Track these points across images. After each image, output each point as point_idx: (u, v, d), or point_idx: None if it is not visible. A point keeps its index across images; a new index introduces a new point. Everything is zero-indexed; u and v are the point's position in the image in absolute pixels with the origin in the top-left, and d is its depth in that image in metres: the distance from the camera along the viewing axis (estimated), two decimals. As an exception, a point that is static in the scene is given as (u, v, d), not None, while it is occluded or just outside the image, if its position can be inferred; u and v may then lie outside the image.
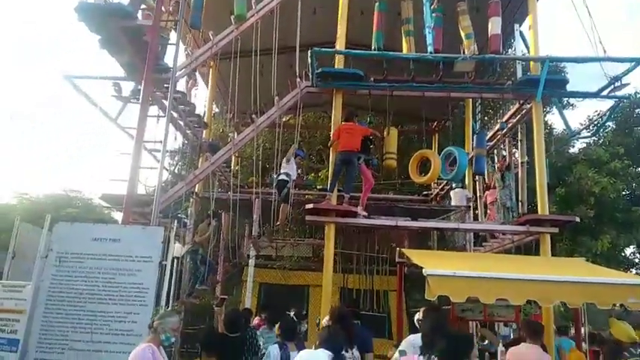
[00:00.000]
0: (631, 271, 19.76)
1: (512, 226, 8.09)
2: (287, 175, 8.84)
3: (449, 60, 7.93)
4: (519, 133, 9.23)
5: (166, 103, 8.60)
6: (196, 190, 11.67)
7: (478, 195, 11.02)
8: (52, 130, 54.27)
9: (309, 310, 12.18)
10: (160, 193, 7.60)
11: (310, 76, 8.45)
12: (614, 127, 20.90)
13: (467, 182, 11.63)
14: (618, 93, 8.09)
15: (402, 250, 7.00)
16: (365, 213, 8.04)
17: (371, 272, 11.77)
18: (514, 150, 9.38)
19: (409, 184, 17.17)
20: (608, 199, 16.02)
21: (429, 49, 7.98)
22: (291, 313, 6.93)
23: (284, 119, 15.01)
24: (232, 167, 14.60)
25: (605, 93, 8.12)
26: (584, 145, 20.20)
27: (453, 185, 13.34)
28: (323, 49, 8.02)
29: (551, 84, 8.09)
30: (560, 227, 7.87)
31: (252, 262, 10.01)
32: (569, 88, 8.37)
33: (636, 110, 20.03)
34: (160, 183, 7.43)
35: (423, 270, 5.34)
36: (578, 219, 7.84)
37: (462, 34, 8.53)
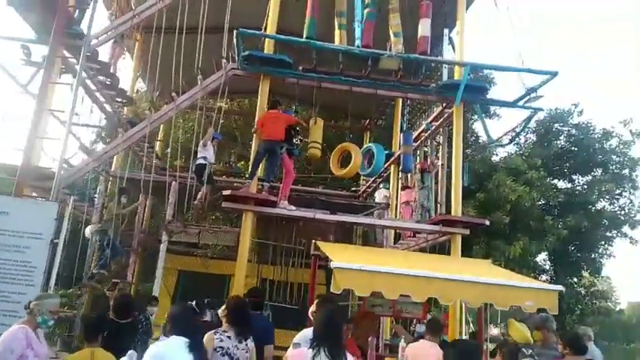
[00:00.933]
0: (540, 277, 21.14)
1: (425, 225, 8.28)
2: (204, 158, 8.57)
3: (375, 56, 7.95)
4: (441, 136, 9.47)
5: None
6: (114, 168, 11.14)
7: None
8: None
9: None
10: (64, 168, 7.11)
11: (237, 59, 8.18)
12: (534, 139, 22.18)
13: (392, 181, 11.86)
14: (533, 104, 8.47)
15: (317, 242, 6.94)
16: (285, 203, 7.92)
17: (287, 264, 11.66)
18: (435, 152, 9.61)
19: (339, 179, 17.40)
20: (523, 207, 16.93)
21: (357, 42, 7.96)
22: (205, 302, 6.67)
23: (220, 104, 14.70)
24: (156, 148, 14.03)
25: (521, 103, 8.47)
26: (506, 154, 21.28)
27: (381, 185, 13.62)
28: (249, 31, 7.78)
29: (471, 90, 8.35)
30: (471, 229, 8.14)
31: (163, 247, 9.56)
32: (499, 98, 8.69)
33: (555, 125, 21.26)
34: (64, 155, 6.91)
35: (330, 263, 5.31)
36: (488, 222, 8.15)
37: (391, 32, 8.59)
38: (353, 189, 15.37)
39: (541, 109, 8.52)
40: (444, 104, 9.01)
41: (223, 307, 4.26)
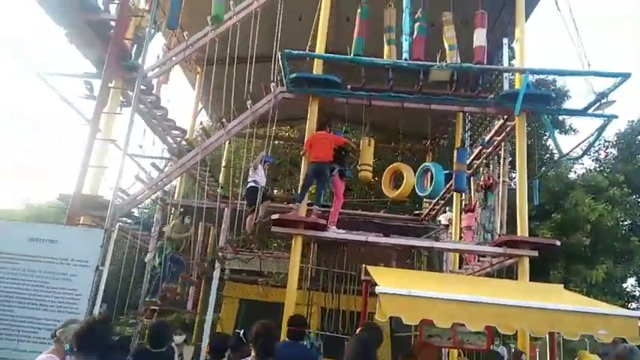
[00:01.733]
0: (630, 305, 19.22)
1: (488, 247, 7.70)
2: (255, 182, 8.53)
3: (424, 68, 7.64)
4: (503, 151, 8.88)
5: (140, 105, 8.47)
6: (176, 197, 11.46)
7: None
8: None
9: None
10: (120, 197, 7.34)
11: (284, 81, 8.18)
12: (615, 153, 20.56)
13: (454, 203, 11.27)
14: (606, 111, 7.75)
15: (367, 267, 6.61)
16: (334, 228, 7.69)
17: (342, 291, 11.28)
18: (498, 169, 9.02)
19: (401, 203, 16.89)
20: (605, 226, 15.59)
21: (404, 55, 7.70)
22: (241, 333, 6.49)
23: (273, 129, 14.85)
24: (220, 178, 14.36)
25: (591, 111, 7.78)
26: (584, 171, 19.84)
27: (447, 208, 13.00)
28: (294, 52, 7.75)
29: (534, 99, 7.79)
30: (540, 250, 7.45)
31: (216, 274, 9.56)
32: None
33: (638, 137, 19.60)
34: (118, 184, 7.12)
35: (376, 288, 4.99)
36: (558, 243, 7.43)
37: (446, 45, 8.28)
38: (416, 212, 14.82)
39: (615, 117, 7.75)
40: (505, 117, 8.46)
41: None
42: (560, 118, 20.40)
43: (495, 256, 8.02)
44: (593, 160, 20.69)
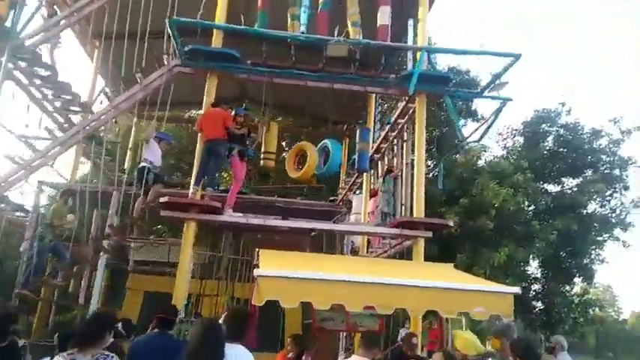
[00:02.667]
0: (533, 287, 20.46)
1: (383, 228, 7.72)
2: (146, 160, 7.98)
3: (322, 42, 7.45)
4: (406, 134, 8.93)
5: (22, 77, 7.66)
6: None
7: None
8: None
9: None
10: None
11: (177, 54, 7.68)
12: (522, 141, 21.71)
13: (364, 187, 11.27)
14: (502, 94, 7.97)
15: (259, 251, 6.36)
16: (231, 211, 7.37)
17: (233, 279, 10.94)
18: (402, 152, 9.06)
19: (319, 190, 16.80)
20: (509, 211, 16.37)
21: (302, 29, 7.45)
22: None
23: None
24: (126, 160, 13.44)
25: (488, 93, 7.98)
26: (493, 157, 20.79)
27: (357, 192, 13.00)
28: (183, 19, 7.27)
29: (433, 80, 7.86)
30: (434, 231, 7.56)
31: (101, 263, 8.89)
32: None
33: (542, 125, 20.81)
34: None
35: (254, 271, 4.76)
36: (452, 223, 7.59)
37: (349, 22, 8.12)
38: (331, 198, 14.75)
39: (510, 99, 8.00)
40: (406, 98, 8.49)
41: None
42: (473, 107, 21.32)
43: (394, 238, 8.06)
44: (501, 148, 21.73)
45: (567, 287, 19.94)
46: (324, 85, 8.15)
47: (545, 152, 20.55)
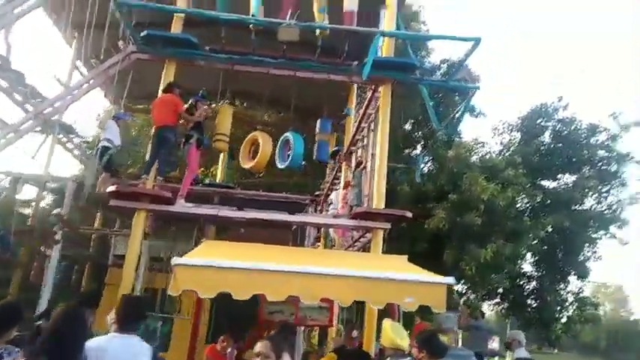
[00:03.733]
0: (528, 285, 20.20)
1: (342, 220, 7.56)
2: (107, 140, 7.90)
3: (273, 25, 7.29)
4: (374, 124, 8.73)
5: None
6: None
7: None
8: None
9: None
10: None
11: (130, 39, 7.56)
12: (518, 136, 21.36)
13: (342, 180, 11.08)
14: (467, 83, 7.78)
15: (204, 240, 6.25)
16: (182, 201, 7.25)
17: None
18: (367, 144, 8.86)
19: (302, 184, 16.65)
20: (498, 206, 16.10)
21: (253, 11, 7.26)
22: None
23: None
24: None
25: (454, 82, 7.78)
26: (488, 153, 20.47)
27: (336, 187, 12.80)
28: (133, 3, 7.13)
29: (398, 67, 7.67)
30: (393, 223, 7.37)
31: (54, 254, 8.77)
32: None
33: (539, 121, 20.47)
34: None
35: (171, 260, 4.63)
36: (409, 214, 7.36)
37: (315, 7, 7.94)
38: (316, 193, 14.57)
39: (477, 88, 7.80)
40: (373, 87, 8.30)
41: None
42: (472, 102, 20.99)
43: (355, 229, 7.91)
44: (497, 144, 21.40)
45: (562, 285, 19.60)
46: (286, 72, 7.98)
47: (542, 147, 20.20)
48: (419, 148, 21.01)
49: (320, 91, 9.83)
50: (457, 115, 8.43)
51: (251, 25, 7.63)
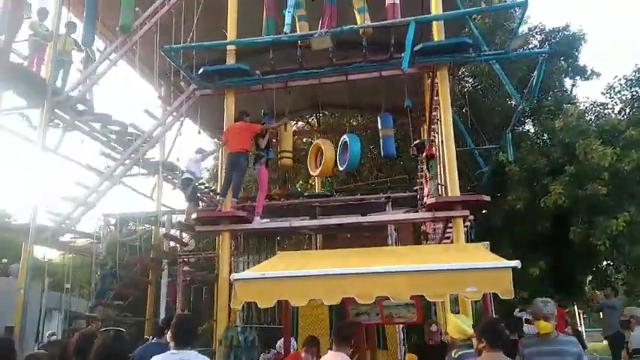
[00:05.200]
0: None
1: (415, 214, 7.48)
2: (190, 173, 8.79)
3: (304, 38, 7.52)
4: (438, 112, 8.55)
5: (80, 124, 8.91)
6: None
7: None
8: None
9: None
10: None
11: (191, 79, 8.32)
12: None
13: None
14: (536, 49, 7.32)
15: (279, 252, 6.62)
16: (258, 218, 7.75)
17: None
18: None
19: (401, 181, 16.59)
20: (623, 171, 14.57)
21: (286, 29, 7.55)
22: None
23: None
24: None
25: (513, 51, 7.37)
26: (605, 116, 18.61)
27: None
28: (174, 46, 7.84)
29: (446, 50, 7.47)
30: (472, 209, 7.15)
31: (165, 274, 9.78)
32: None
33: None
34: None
35: (231, 275, 5.02)
36: (488, 198, 7.06)
37: (355, 9, 8.09)
38: (415, 188, 14.45)
39: (548, 51, 7.32)
40: (430, 74, 8.18)
41: None
42: (581, 63, 19.44)
43: (434, 221, 7.78)
44: (615, 104, 19.32)
45: None
46: (338, 78, 8.20)
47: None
48: (529, 123, 19.85)
49: (393, 87, 9.86)
50: (533, 83, 7.90)
51: (299, 42, 7.98)
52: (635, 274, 17.39)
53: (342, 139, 8.45)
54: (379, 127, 8.26)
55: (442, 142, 8.18)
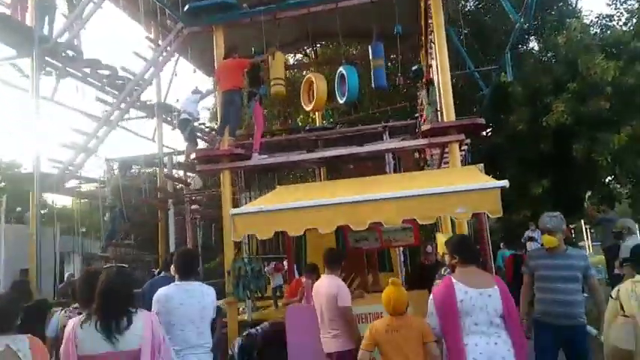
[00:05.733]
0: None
1: (411, 141, 7.56)
2: (188, 113, 8.90)
3: None
4: (431, 35, 8.38)
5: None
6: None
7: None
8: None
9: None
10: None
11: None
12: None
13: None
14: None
15: (278, 186, 6.81)
16: (256, 155, 7.89)
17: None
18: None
19: (403, 109, 16.50)
20: (627, 85, 14.37)
21: None
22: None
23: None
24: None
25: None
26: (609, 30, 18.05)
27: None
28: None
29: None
30: (468, 133, 7.20)
31: (171, 214, 10.13)
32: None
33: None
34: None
35: (230, 211, 5.24)
36: (482, 120, 7.08)
37: None
38: (416, 115, 14.39)
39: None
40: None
41: None
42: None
43: (430, 147, 7.89)
44: (621, 15, 18.66)
45: None
46: (329, 6, 8.00)
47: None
48: (533, 41, 19.40)
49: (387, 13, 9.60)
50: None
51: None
52: (639, 187, 17.57)
53: (338, 70, 8.36)
54: (370, 57, 8.14)
55: (437, 65, 8.12)
